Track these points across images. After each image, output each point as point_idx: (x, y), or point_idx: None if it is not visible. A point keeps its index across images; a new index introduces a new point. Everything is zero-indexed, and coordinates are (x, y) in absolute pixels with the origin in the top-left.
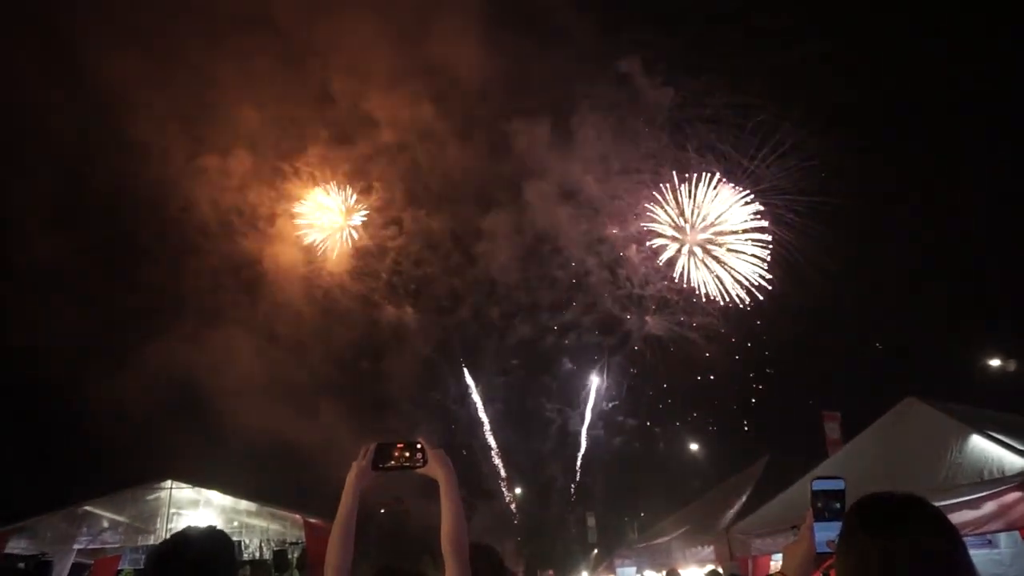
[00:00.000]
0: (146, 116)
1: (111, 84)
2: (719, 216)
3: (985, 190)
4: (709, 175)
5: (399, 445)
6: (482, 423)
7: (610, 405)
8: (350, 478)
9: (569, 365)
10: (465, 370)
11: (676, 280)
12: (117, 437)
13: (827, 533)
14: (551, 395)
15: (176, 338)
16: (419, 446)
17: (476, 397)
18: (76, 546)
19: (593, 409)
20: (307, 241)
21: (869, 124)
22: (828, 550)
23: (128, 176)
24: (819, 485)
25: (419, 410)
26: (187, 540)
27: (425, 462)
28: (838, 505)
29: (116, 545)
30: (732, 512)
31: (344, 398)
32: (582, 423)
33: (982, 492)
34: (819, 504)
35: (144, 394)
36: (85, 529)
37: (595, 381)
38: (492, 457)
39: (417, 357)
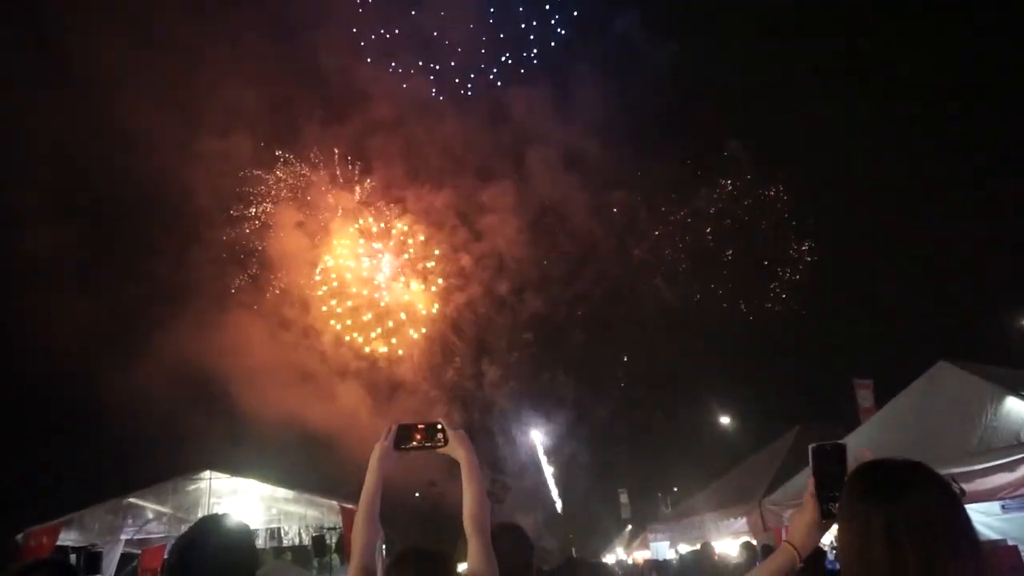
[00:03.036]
0: (138, 100)
1: (103, 70)
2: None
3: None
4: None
5: (420, 426)
6: (502, 403)
7: (631, 378)
8: (372, 459)
9: (584, 337)
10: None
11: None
12: (156, 430)
13: (830, 499)
14: (568, 369)
15: (203, 330)
16: (439, 427)
17: (494, 376)
18: (123, 536)
19: (615, 382)
20: (311, 224)
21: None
22: (832, 514)
23: (126, 165)
24: (819, 451)
25: (435, 391)
26: (205, 532)
27: (446, 442)
28: (840, 470)
29: (161, 535)
30: (765, 483)
31: (367, 381)
32: (603, 396)
33: (1019, 455)
34: (820, 470)
35: (178, 387)
36: (131, 520)
37: (614, 353)
38: (513, 437)
39: (429, 337)
